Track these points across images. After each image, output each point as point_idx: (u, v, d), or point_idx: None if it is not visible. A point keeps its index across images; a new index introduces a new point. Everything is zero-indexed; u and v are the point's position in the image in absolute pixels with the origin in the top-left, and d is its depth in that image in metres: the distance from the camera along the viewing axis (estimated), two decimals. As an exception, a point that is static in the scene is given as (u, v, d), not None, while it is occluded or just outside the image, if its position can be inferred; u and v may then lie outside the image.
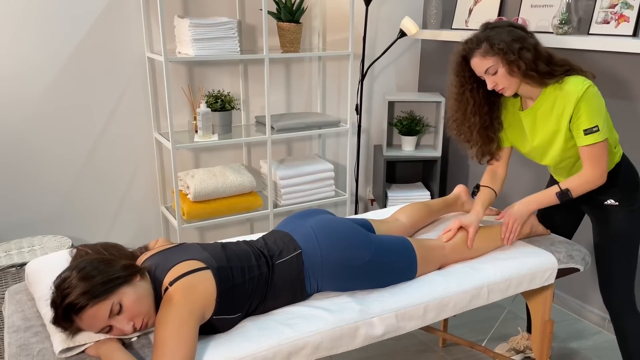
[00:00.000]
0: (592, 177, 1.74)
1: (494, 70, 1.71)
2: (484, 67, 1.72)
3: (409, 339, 2.50)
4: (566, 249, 1.85)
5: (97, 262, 1.32)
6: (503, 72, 1.70)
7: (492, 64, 1.70)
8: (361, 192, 3.49)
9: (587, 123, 1.68)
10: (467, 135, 1.90)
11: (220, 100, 2.68)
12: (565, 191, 1.76)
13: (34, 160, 2.55)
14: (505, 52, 1.67)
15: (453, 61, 1.81)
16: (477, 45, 1.71)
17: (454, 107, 1.88)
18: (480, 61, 1.71)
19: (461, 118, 1.87)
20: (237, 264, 1.44)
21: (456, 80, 1.83)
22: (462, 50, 1.77)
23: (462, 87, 1.82)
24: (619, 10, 2.27)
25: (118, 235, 2.82)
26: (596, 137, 1.69)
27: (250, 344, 1.33)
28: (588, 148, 1.71)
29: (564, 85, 1.71)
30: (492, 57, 1.69)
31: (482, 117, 1.85)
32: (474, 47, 1.72)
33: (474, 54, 1.72)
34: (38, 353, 1.30)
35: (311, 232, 1.57)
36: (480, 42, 1.71)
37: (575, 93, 1.67)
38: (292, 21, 2.73)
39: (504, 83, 1.73)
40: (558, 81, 1.72)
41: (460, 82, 1.82)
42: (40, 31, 2.43)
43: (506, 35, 1.68)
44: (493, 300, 1.68)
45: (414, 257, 1.65)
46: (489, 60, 1.70)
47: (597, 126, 1.68)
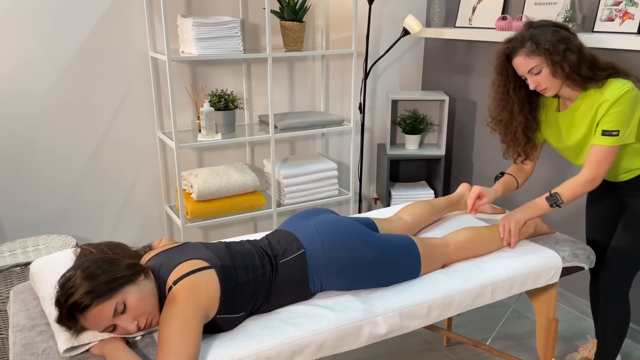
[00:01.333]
0: (586, 179, 1.72)
1: (537, 70, 1.69)
2: (528, 66, 1.70)
3: (413, 338, 2.49)
4: (571, 247, 1.84)
5: (101, 262, 1.32)
6: (547, 72, 1.69)
7: (536, 63, 1.68)
8: (365, 191, 3.49)
9: (610, 125, 1.67)
10: (513, 134, 1.89)
11: (224, 99, 2.68)
12: (553, 195, 1.75)
13: (38, 159, 2.56)
14: (550, 53, 1.65)
15: (495, 59, 1.80)
16: (522, 44, 1.69)
17: (499, 107, 1.86)
18: (525, 60, 1.69)
19: (507, 117, 1.86)
20: (240, 263, 1.44)
21: (499, 79, 1.82)
22: (505, 48, 1.75)
23: (506, 86, 1.81)
24: (623, 7, 2.26)
25: (122, 235, 2.83)
26: (612, 141, 1.68)
27: (253, 343, 1.33)
28: (599, 148, 1.70)
29: (604, 90, 1.69)
30: (537, 56, 1.67)
31: (525, 116, 1.84)
32: (518, 46, 1.70)
33: (518, 52, 1.70)
34: (42, 352, 1.31)
35: (315, 232, 1.57)
36: (525, 41, 1.69)
37: (612, 97, 1.66)
38: (295, 20, 2.72)
39: (547, 83, 1.71)
40: (599, 86, 1.70)
41: (503, 81, 1.81)
42: (43, 31, 2.44)
43: (551, 35, 1.66)
44: (497, 299, 1.68)
45: (417, 255, 1.65)
46: (534, 60, 1.68)
47: (619, 131, 1.67)
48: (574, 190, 1.74)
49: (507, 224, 1.80)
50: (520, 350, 2.40)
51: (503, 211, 2.10)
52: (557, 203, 1.75)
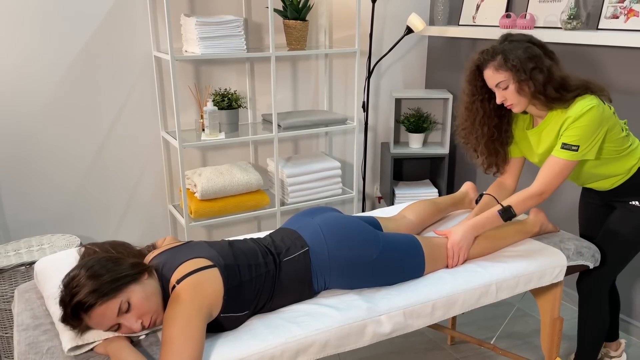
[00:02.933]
0: (535, 192, 1.70)
1: (504, 85, 1.69)
2: (495, 80, 1.70)
3: (417, 337, 2.49)
4: (575, 246, 1.84)
5: (105, 261, 1.32)
6: (513, 89, 1.69)
7: (503, 78, 1.68)
8: (368, 190, 3.48)
9: (571, 139, 1.66)
10: (474, 144, 1.89)
11: (227, 98, 2.68)
12: (507, 208, 1.72)
13: (42, 159, 2.57)
14: (517, 70, 1.65)
15: (467, 69, 1.80)
16: (492, 57, 1.69)
17: (464, 116, 1.87)
18: (493, 74, 1.70)
19: (470, 127, 1.86)
20: (244, 261, 1.44)
21: (468, 88, 1.81)
22: (477, 59, 1.75)
23: (473, 97, 1.81)
24: (628, 4, 2.25)
25: (126, 234, 2.83)
26: (570, 155, 1.66)
27: (257, 341, 1.33)
28: (556, 160, 1.68)
29: (568, 109, 1.68)
30: (504, 72, 1.67)
31: (490, 129, 1.84)
32: (488, 59, 1.70)
33: (488, 65, 1.71)
34: (47, 351, 1.31)
35: (318, 230, 1.57)
36: (495, 55, 1.69)
37: (575, 114, 1.65)
38: (299, 19, 2.72)
39: (513, 100, 1.71)
40: (565, 106, 1.69)
41: (471, 91, 1.81)
42: (48, 30, 2.44)
43: (522, 52, 1.65)
44: (502, 297, 1.67)
45: (421, 255, 1.64)
46: (501, 75, 1.68)
47: (579, 146, 1.65)
48: (525, 203, 1.71)
49: (458, 248, 1.69)
50: (524, 349, 2.40)
51: None
52: (511, 217, 1.73)
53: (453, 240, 1.70)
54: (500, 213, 1.72)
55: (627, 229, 1.84)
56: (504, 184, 1.96)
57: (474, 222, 1.73)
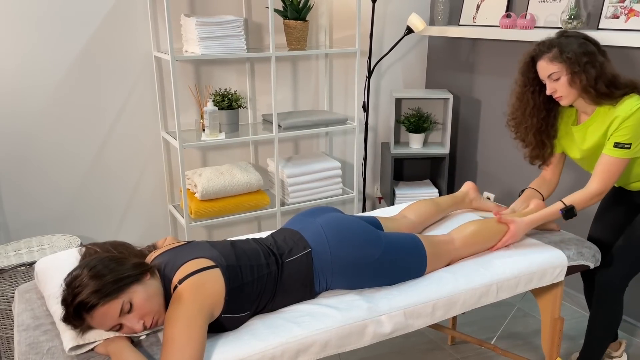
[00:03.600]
0: (596, 192, 1.78)
1: (556, 76, 1.76)
2: (548, 71, 1.77)
3: (418, 337, 2.49)
4: (576, 246, 1.84)
5: (107, 261, 1.32)
6: (565, 80, 1.76)
7: (556, 70, 1.75)
8: (369, 190, 3.48)
9: (623, 138, 1.73)
10: (523, 135, 1.97)
11: (227, 98, 2.68)
12: (570, 208, 1.79)
13: (43, 159, 2.57)
14: (571, 62, 1.73)
15: (521, 60, 1.87)
16: (548, 49, 1.77)
17: (515, 106, 1.95)
18: (547, 65, 1.77)
19: (520, 117, 1.94)
20: (246, 262, 1.44)
21: (521, 79, 1.89)
22: (532, 50, 1.83)
23: (525, 87, 1.89)
24: (628, 4, 2.25)
25: (126, 234, 2.83)
26: (623, 153, 1.74)
27: (258, 342, 1.33)
28: (609, 159, 1.75)
29: (616, 108, 1.75)
30: (558, 63, 1.75)
31: (539, 120, 1.91)
32: (544, 50, 1.78)
33: (543, 56, 1.78)
34: (47, 351, 1.31)
35: (321, 231, 1.57)
36: (551, 47, 1.77)
37: (624, 113, 1.71)
38: (299, 19, 2.72)
39: (563, 92, 1.78)
40: (613, 103, 1.76)
41: (524, 82, 1.89)
42: (48, 30, 2.44)
43: (577, 47, 1.74)
44: (502, 297, 1.67)
45: (423, 254, 1.64)
46: (555, 66, 1.75)
47: (630, 144, 1.72)
48: (586, 203, 1.80)
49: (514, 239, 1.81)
50: (525, 349, 2.40)
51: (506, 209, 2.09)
52: (572, 217, 1.80)
53: (513, 230, 1.80)
54: (562, 212, 1.80)
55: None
56: (547, 178, 2.04)
57: (535, 218, 1.82)
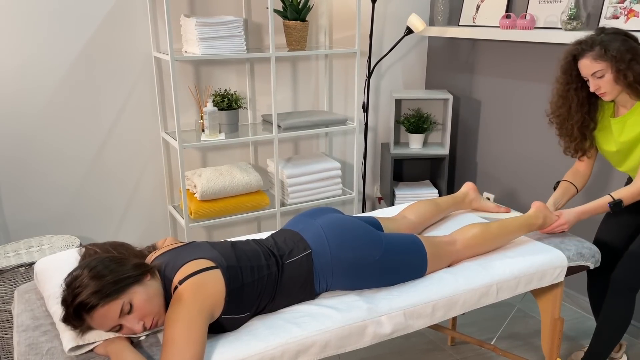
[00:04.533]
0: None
1: (601, 74, 1.78)
2: (592, 69, 1.79)
3: (418, 338, 2.49)
4: (576, 246, 1.83)
5: (108, 261, 1.32)
6: (610, 78, 1.77)
7: (601, 68, 1.77)
8: (368, 191, 3.48)
9: None
10: (569, 130, 1.99)
11: (227, 99, 2.68)
12: (618, 202, 1.83)
13: (42, 160, 2.56)
14: (617, 60, 1.74)
15: (562, 59, 1.90)
16: (591, 48, 1.78)
17: (558, 103, 1.97)
18: (590, 63, 1.78)
19: (565, 114, 1.97)
20: (246, 263, 1.44)
21: (563, 77, 1.92)
22: (573, 49, 1.84)
23: (568, 85, 1.91)
24: (628, 5, 2.25)
25: (126, 235, 2.83)
26: None
27: (258, 342, 1.33)
28: None
29: None
30: (603, 61, 1.76)
31: (583, 115, 1.95)
32: (587, 49, 1.79)
33: (585, 55, 1.80)
34: (47, 352, 1.31)
35: (321, 232, 1.57)
36: (594, 45, 1.78)
37: None
38: (299, 19, 2.72)
39: (607, 88, 1.80)
40: None
41: (566, 80, 1.91)
42: (47, 31, 2.44)
43: (620, 44, 1.75)
44: (502, 298, 1.67)
45: (424, 254, 1.64)
46: (599, 64, 1.77)
47: None
48: (634, 198, 1.83)
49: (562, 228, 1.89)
50: (525, 349, 2.40)
51: (507, 210, 2.09)
52: (620, 210, 1.84)
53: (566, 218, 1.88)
54: (610, 205, 1.84)
55: None
56: (580, 170, 2.08)
57: (584, 209, 1.89)
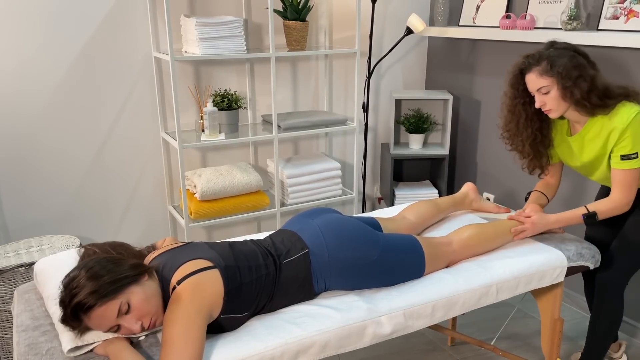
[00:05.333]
0: (620, 202, 1.77)
1: (546, 90, 1.74)
2: (537, 84, 1.75)
3: (418, 338, 2.49)
4: (576, 247, 1.83)
5: (105, 262, 1.32)
6: (556, 95, 1.73)
7: (547, 84, 1.73)
8: (368, 191, 3.48)
9: (627, 149, 1.72)
10: (519, 147, 1.95)
11: (227, 99, 2.68)
12: (592, 214, 1.79)
13: (42, 160, 2.56)
14: (562, 77, 1.70)
15: (510, 72, 1.85)
16: (537, 62, 1.74)
17: (507, 118, 1.93)
18: (536, 78, 1.74)
19: (514, 129, 1.93)
20: (244, 263, 1.44)
21: (510, 91, 1.87)
22: (521, 63, 1.80)
23: (515, 100, 1.87)
24: (628, 5, 2.25)
25: (126, 235, 2.83)
26: (632, 164, 1.73)
27: (257, 342, 1.33)
28: (622, 172, 1.75)
29: (612, 117, 1.74)
30: (549, 77, 1.72)
31: (533, 131, 1.90)
32: (533, 63, 1.75)
33: (532, 69, 1.75)
34: (47, 352, 1.31)
35: (318, 231, 1.57)
36: (541, 60, 1.74)
37: (622, 124, 1.71)
38: (299, 19, 2.72)
39: (553, 105, 1.76)
40: (606, 112, 1.75)
41: (514, 94, 1.87)
42: (47, 31, 2.44)
43: (568, 60, 1.71)
44: (502, 298, 1.67)
45: (421, 255, 1.64)
46: (545, 80, 1.73)
47: (637, 153, 1.72)
48: (611, 213, 1.79)
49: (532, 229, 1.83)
50: (525, 350, 2.39)
51: (507, 210, 2.09)
52: (593, 223, 1.81)
53: (534, 219, 1.82)
54: (584, 217, 1.80)
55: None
56: (550, 183, 2.04)
57: (556, 218, 1.84)
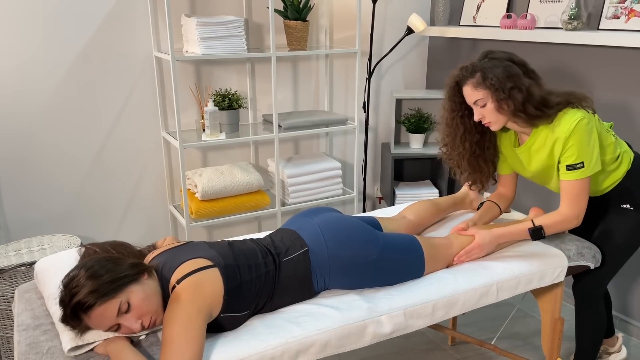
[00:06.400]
0: (568, 216, 1.69)
1: (482, 103, 1.67)
2: (473, 97, 1.68)
3: (418, 337, 2.49)
4: (576, 246, 1.83)
5: (104, 261, 1.32)
6: (491, 107, 1.67)
7: (482, 96, 1.66)
8: (369, 190, 3.48)
9: (572, 159, 1.65)
10: (457, 161, 1.87)
11: (228, 98, 2.68)
12: (538, 228, 1.71)
13: (43, 160, 2.57)
14: (495, 89, 1.63)
15: (447, 85, 1.78)
16: (471, 74, 1.67)
17: (445, 132, 1.85)
18: (471, 91, 1.68)
19: (451, 143, 1.84)
20: (244, 262, 1.44)
21: (448, 104, 1.80)
22: (456, 75, 1.73)
23: (453, 112, 1.80)
24: (629, 4, 2.25)
25: (126, 234, 2.83)
26: (578, 174, 1.66)
27: (258, 342, 1.33)
28: (569, 184, 1.68)
29: (554, 126, 1.67)
30: (482, 90, 1.65)
31: (472, 145, 1.82)
32: (467, 75, 1.68)
33: (467, 82, 1.68)
34: (47, 351, 1.31)
35: (318, 230, 1.57)
36: (474, 72, 1.67)
37: (564, 133, 1.64)
38: (299, 19, 2.72)
39: (491, 118, 1.69)
40: (548, 121, 1.68)
41: (451, 107, 1.79)
42: (48, 31, 2.44)
43: (501, 71, 1.63)
44: (502, 298, 1.67)
45: (421, 255, 1.64)
46: (479, 93, 1.66)
47: (583, 162, 1.64)
48: (560, 227, 1.71)
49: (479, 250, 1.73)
50: (525, 349, 2.39)
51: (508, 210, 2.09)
52: (540, 238, 1.72)
53: (479, 241, 1.72)
54: (530, 232, 1.72)
55: (620, 232, 1.84)
56: (503, 194, 1.96)
57: (502, 232, 1.75)
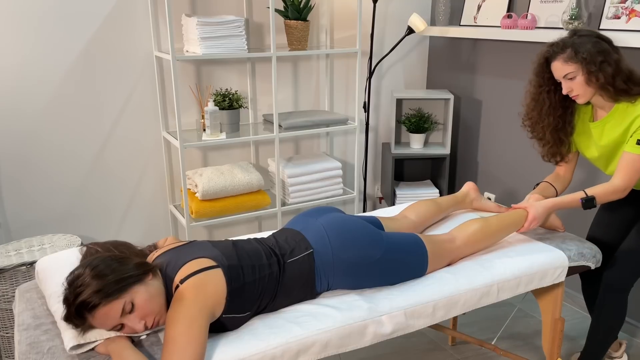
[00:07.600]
0: (620, 187, 1.78)
1: (572, 76, 1.77)
2: (564, 71, 1.78)
3: (418, 337, 2.49)
4: (577, 246, 1.83)
5: (110, 260, 1.32)
6: (581, 80, 1.77)
7: (572, 70, 1.76)
8: (369, 190, 3.48)
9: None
10: (540, 134, 1.98)
11: (228, 98, 2.68)
12: (590, 198, 1.80)
13: (43, 159, 2.57)
14: (587, 62, 1.74)
15: (535, 61, 1.89)
16: (562, 50, 1.78)
17: (530, 106, 1.97)
18: (562, 65, 1.78)
19: (536, 117, 1.96)
20: (247, 262, 1.44)
21: (535, 80, 1.91)
22: (545, 52, 1.84)
23: (540, 88, 1.91)
24: (630, 5, 2.25)
25: (127, 234, 2.83)
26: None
27: (259, 342, 1.33)
28: (632, 156, 1.76)
29: (636, 106, 1.76)
30: (574, 63, 1.76)
31: (556, 118, 1.93)
32: (558, 51, 1.79)
33: (557, 57, 1.79)
34: (48, 351, 1.31)
35: (323, 231, 1.57)
36: (565, 47, 1.77)
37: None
38: (300, 19, 2.72)
39: (579, 90, 1.79)
40: (631, 100, 1.77)
41: (539, 83, 1.90)
42: (48, 30, 2.44)
43: (592, 46, 1.74)
44: (503, 298, 1.67)
45: (425, 253, 1.64)
46: (570, 67, 1.76)
47: None
48: (608, 197, 1.80)
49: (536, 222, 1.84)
50: (525, 349, 2.39)
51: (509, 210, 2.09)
52: (591, 207, 1.80)
53: (533, 213, 1.82)
54: (582, 201, 1.80)
55: None
56: (560, 175, 2.05)
57: (554, 202, 1.84)
